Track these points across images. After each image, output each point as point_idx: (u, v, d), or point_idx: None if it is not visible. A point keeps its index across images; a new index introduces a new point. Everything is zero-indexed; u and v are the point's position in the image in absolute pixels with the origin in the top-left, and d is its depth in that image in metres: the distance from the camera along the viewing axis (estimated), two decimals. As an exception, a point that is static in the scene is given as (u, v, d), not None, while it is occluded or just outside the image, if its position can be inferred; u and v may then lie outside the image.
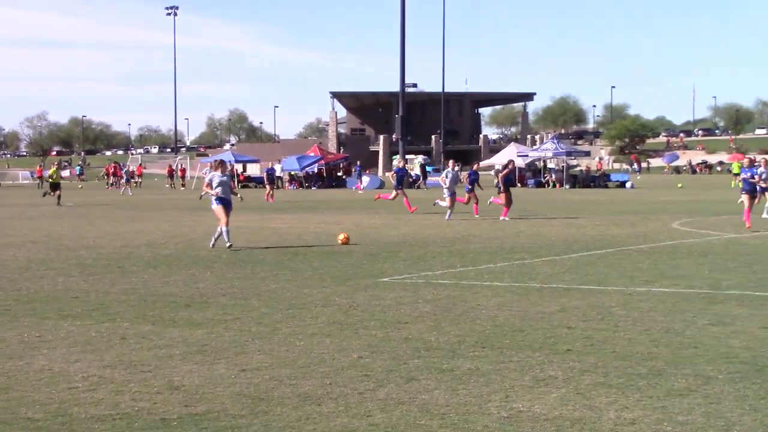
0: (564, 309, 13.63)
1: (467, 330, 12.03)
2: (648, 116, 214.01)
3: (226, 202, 23.20)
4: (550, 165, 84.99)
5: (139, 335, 11.85)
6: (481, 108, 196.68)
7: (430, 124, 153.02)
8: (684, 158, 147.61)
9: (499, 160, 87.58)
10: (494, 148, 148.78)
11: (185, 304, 14.41)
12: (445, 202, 34.91)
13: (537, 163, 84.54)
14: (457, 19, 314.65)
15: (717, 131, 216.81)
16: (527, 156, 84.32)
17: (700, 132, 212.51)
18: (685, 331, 11.85)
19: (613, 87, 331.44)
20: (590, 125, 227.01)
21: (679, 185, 75.46)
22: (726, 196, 53.53)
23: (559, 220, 33.27)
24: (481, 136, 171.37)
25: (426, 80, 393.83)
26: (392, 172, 42.64)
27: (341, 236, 24.06)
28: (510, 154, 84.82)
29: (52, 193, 51.00)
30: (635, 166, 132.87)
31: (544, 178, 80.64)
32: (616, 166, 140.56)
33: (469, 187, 36.24)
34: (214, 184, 23.24)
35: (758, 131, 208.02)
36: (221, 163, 24.39)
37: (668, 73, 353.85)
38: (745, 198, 29.37)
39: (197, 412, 8.24)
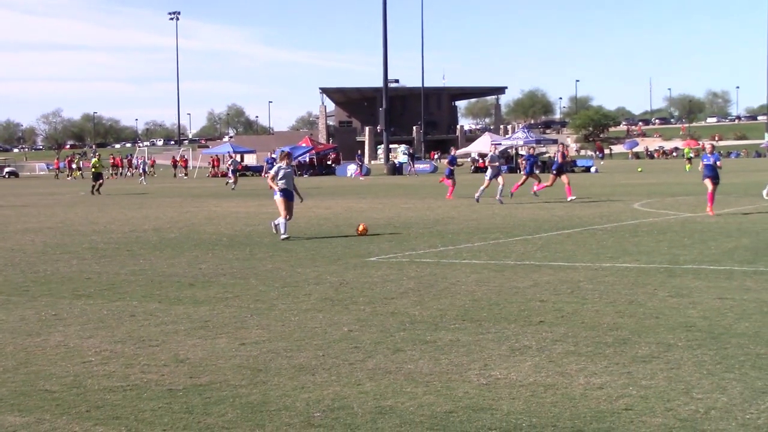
0: (536, 284, 13.58)
1: (448, 304, 11.97)
2: (609, 107, 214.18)
3: (288, 194, 21.25)
4: (521, 152, 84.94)
5: (147, 312, 11.76)
6: (458, 101, 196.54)
7: (411, 117, 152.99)
8: (643, 145, 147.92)
9: (474, 148, 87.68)
10: (470, 137, 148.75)
11: (189, 283, 14.31)
12: (483, 185, 34.20)
13: (509, 150, 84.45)
14: (435, 19, 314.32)
15: (672, 120, 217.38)
16: (500, 144, 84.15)
17: (656, 121, 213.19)
18: (648, 302, 11.81)
19: (578, 81, 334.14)
20: (557, 116, 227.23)
21: (639, 169, 75.52)
22: (681, 179, 53.63)
23: (531, 203, 33.21)
24: (458, 126, 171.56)
25: (407, 76, 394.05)
26: (447, 161, 41.56)
27: (360, 226, 22.12)
28: (485, 142, 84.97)
29: (95, 183, 48.05)
30: (599, 152, 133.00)
31: (516, 164, 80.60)
32: (582, 152, 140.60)
33: (528, 170, 35.83)
34: (279, 176, 21.24)
35: (709, 120, 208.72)
36: (287, 155, 22.30)
37: (627, 67, 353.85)
38: (708, 183, 26.30)
39: (201, 383, 8.16)
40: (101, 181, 48.96)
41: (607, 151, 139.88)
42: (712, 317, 10.72)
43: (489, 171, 34.37)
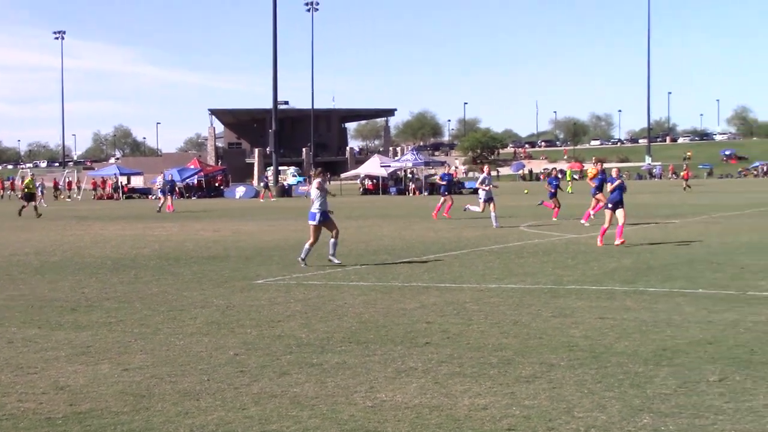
0: (423, 305, 13.67)
1: (335, 327, 11.96)
2: (497, 129, 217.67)
3: (327, 216, 19.52)
4: (411, 174, 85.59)
5: (26, 339, 11.46)
6: (348, 123, 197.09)
7: (301, 138, 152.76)
8: (529, 167, 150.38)
9: (364, 170, 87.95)
10: (359, 159, 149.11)
11: (71, 308, 14.01)
12: (479, 208, 32.73)
13: (399, 172, 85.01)
14: (325, 41, 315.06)
15: (558, 142, 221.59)
16: (390, 166, 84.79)
17: (542, 143, 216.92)
18: (531, 323, 11.99)
19: (466, 103, 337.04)
20: (446, 138, 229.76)
21: (525, 191, 76.70)
22: (565, 200, 54.62)
23: (419, 224, 33.44)
24: (347, 148, 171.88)
25: (297, 98, 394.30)
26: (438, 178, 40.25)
27: None
28: (374, 165, 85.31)
29: (26, 204, 45.71)
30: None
31: (406, 186, 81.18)
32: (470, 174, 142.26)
33: (552, 191, 35.17)
34: (319, 198, 19.31)
35: (593, 142, 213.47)
36: (323, 174, 20.43)
37: (515, 89, 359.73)
38: (607, 212, 23.70)
39: (81, 410, 7.98)
40: (34, 202, 46.35)
41: (494, 173, 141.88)
42: (593, 337, 10.93)
43: (482, 193, 32.62)
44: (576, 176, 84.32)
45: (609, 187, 24.25)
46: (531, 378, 8.88)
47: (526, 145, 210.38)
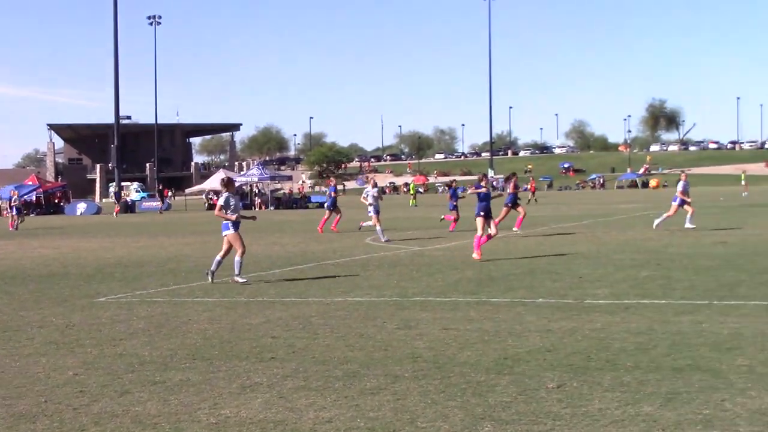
0: (269, 320, 13.60)
1: (179, 344, 11.78)
2: (343, 143, 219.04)
3: (238, 228, 18.77)
4: (257, 189, 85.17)
5: None
6: (192, 137, 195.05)
7: (144, 153, 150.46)
8: (379, 180, 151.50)
9: (209, 185, 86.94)
10: (205, 174, 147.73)
11: None
12: (371, 221, 31.87)
13: (244, 187, 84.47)
14: (169, 55, 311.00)
15: (403, 156, 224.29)
16: (235, 181, 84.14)
17: (388, 157, 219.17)
18: (377, 335, 12.07)
19: (312, 117, 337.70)
20: (292, 152, 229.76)
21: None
22: (409, 213, 55.28)
23: (265, 239, 33.28)
24: (192, 163, 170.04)
25: (141, 112, 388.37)
26: (328, 192, 38.14)
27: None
28: (219, 179, 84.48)
29: None
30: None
31: (252, 200, 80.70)
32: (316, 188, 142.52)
33: (454, 203, 35.08)
34: (231, 206, 18.68)
35: (437, 156, 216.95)
36: (230, 182, 19.47)
37: (360, 104, 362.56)
38: (479, 221, 23.29)
39: None
40: None
41: (340, 187, 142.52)
42: (437, 347, 11.08)
43: (371, 208, 31.93)
44: (420, 189, 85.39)
45: (470, 191, 24.23)
46: (376, 390, 8.93)
47: (372, 159, 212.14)
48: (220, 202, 18.70)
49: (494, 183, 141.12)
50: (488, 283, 17.67)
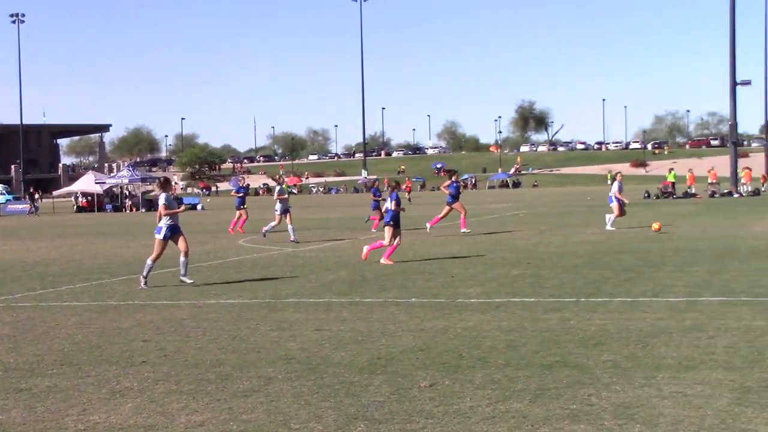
0: (140, 324, 13.39)
1: (46, 349, 11.51)
2: (216, 144, 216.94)
3: (177, 229, 18.13)
4: (127, 191, 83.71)
5: None
6: (60, 138, 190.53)
7: (9, 155, 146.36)
8: (247, 182, 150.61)
9: (78, 187, 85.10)
10: (73, 176, 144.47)
11: None
12: (275, 221, 30.65)
13: (115, 189, 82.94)
14: (33, 54, 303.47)
15: (276, 157, 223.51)
16: (105, 183, 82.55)
17: (261, 158, 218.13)
18: (250, 337, 12.00)
19: (183, 118, 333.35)
20: (163, 153, 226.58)
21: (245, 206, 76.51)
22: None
23: (136, 242, 32.74)
24: (60, 165, 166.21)
25: (5, 112, 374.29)
26: (233, 191, 35.88)
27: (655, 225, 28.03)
28: (88, 181, 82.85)
29: None
30: (205, 190, 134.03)
31: (122, 202, 79.34)
32: (189, 190, 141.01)
33: (376, 202, 34.44)
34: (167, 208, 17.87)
35: (311, 157, 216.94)
36: (167, 182, 18.85)
37: (232, 105, 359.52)
38: (387, 229, 21.95)
39: None
40: None
41: (213, 189, 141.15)
42: (310, 349, 11.08)
43: (278, 206, 30.73)
44: (294, 191, 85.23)
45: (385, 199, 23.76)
46: (249, 392, 8.89)
47: (245, 160, 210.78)
48: (163, 201, 17.99)
49: (368, 184, 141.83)
50: (361, 283, 17.75)
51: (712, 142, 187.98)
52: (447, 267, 20.22)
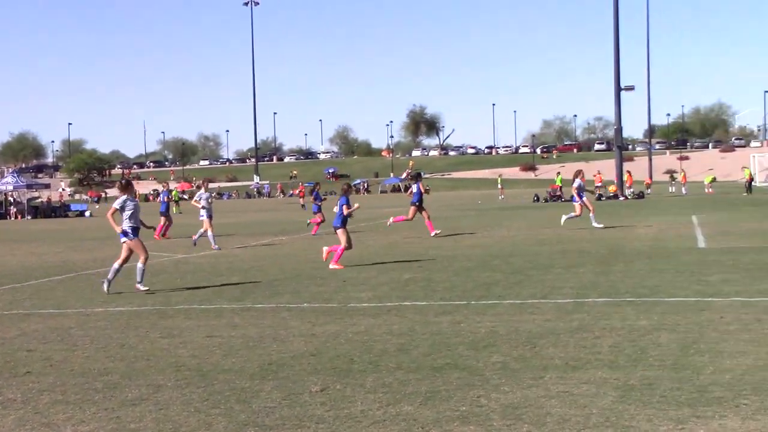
0: (24, 333, 13.09)
1: (-75, 361, 11.15)
2: (104, 150, 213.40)
3: (138, 233, 17.65)
4: (12, 198, 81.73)
5: None
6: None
7: None
8: (141, 188, 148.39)
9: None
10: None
11: None
12: (202, 228, 29.21)
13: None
14: None
15: (167, 163, 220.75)
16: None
17: (151, 164, 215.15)
18: (139, 345, 11.83)
19: (70, 124, 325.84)
20: (50, 159, 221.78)
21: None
22: (176, 220, 54.36)
23: (21, 249, 32.00)
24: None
25: None
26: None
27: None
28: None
29: None
30: (93, 197, 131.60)
31: (7, 210, 77.38)
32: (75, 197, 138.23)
33: (318, 206, 34.54)
34: (127, 212, 17.42)
35: (202, 162, 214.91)
36: (129, 185, 18.23)
37: (121, 110, 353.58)
38: (341, 234, 21.57)
39: None
40: None
41: (103, 195, 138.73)
42: (201, 355, 10.97)
43: (203, 211, 29.55)
44: (185, 196, 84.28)
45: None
46: (137, 401, 8.76)
47: (135, 166, 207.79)
48: (116, 205, 17.51)
49: (261, 189, 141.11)
50: (253, 289, 17.65)
51: (597, 146, 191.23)
52: (339, 272, 20.23)
